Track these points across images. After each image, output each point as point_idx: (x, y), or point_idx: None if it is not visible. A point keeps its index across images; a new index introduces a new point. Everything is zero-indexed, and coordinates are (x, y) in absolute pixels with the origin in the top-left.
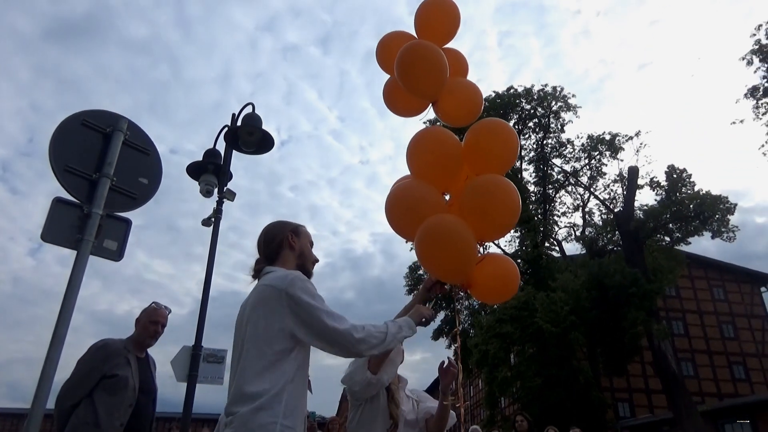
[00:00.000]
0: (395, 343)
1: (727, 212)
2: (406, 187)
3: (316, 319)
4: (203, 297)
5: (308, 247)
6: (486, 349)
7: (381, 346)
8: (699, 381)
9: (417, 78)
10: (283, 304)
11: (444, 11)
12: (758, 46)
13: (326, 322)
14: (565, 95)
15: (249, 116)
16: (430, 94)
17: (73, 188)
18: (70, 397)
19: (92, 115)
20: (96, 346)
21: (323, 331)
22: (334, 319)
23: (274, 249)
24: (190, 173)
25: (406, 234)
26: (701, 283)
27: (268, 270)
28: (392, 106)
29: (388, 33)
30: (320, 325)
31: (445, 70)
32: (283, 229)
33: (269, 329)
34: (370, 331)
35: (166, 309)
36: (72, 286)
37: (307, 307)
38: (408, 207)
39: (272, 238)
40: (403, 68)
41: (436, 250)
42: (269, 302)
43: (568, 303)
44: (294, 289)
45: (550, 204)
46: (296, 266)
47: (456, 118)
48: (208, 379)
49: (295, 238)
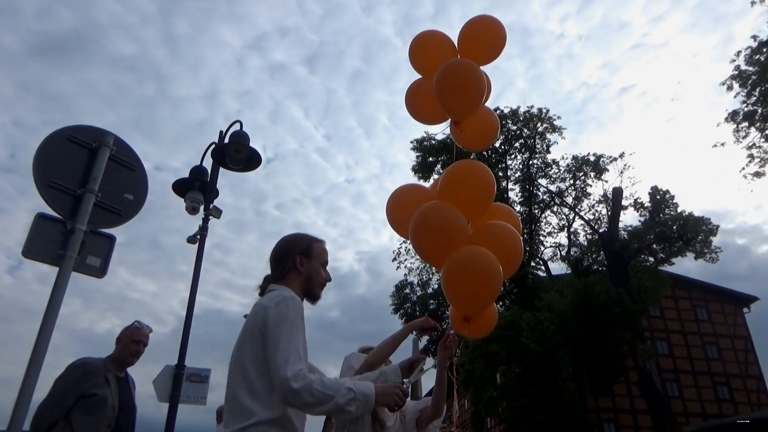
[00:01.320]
0: (336, 411)
1: (710, 233)
2: (438, 209)
3: (272, 349)
4: (187, 315)
5: (317, 270)
6: (472, 368)
7: (316, 408)
8: (683, 401)
9: (458, 97)
10: (260, 327)
11: (492, 32)
12: (738, 72)
13: (278, 355)
14: (550, 117)
15: (236, 133)
16: (461, 114)
17: (57, 204)
18: (46, 417)
19: (78, 131)
20: (74, 365)
21: (271, 363)
22: (288, 356)
23: (282, 270)
24: (176, 190)
25: (430, 255)
26: (685, 304)
27: (271, 288)
28: (413, 108)
29: (423, 32)
30: (272, 357)
31: (483, 97)
32: (292, 249)
33: (256, 353)
34: (312, 388)
35: (148, 328)
36: (53, 303)
37: (274, 335)
38: (439, 230)
39: (282, 257)
40: (448, 83)
41: (470, 282)
42: (256, 322)
43: (554, 323)
44: (273, 313)
45: (536, 224)
46: (302, 290)
47: (471, 143)
48: (191, 399)
49: (304, 260)
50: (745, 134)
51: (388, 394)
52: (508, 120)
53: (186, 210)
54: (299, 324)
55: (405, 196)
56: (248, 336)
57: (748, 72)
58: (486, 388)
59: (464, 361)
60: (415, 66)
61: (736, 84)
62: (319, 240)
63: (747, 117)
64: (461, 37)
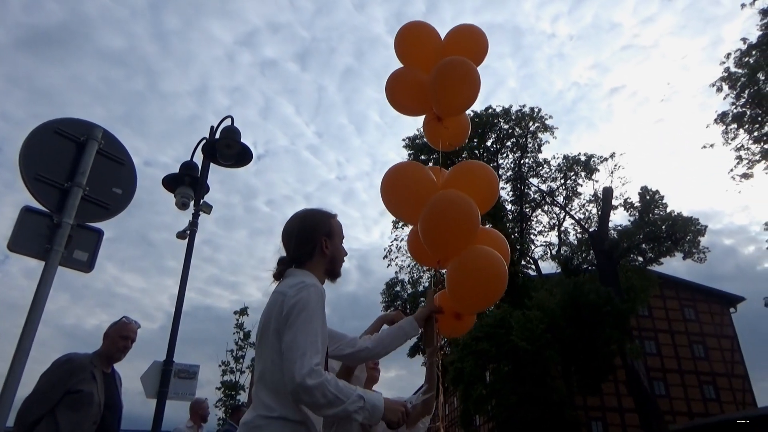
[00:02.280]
0: (343, 416)
1: (698, 234)
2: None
3: (289, 340)
4: (176, 311)
5: (339, 249)
6: (461, 366)
7: (325, 409)
8: (670, 400)
9: (455, 94)
10: (278, 317)
11: (475, 41)
12: (727, 74)
13: (293, 348)
14: (542, 116)
15: (228, 129)
16: (451, 112)
17: (44, 197)
18: (31, 413)
19: (66, 124)
20: (60, 360)
21: (285, 356)
22: (306, 350)
23: (306, 253)
24: (166, 185)
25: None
26: (673, 303)
27: (289, 273)
28: (393, 97)
29: (411, 22)
30: (288, 349)
31: (475, 97)
32: (317, 231)
33: (275, 345)
34: (326, 389)
35: (136, 324)
36: (39, 298)
37: (291, 326)
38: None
39: (306, 240)
40: (447, 80)
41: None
42: (274, 311)
43: (544, 321)
44: (292, 303)
45: (526, 223)
46: (325, 271)
47: (448, 141)
48: (179, 396)
49: (328, 242)
50: (734, 136)
51: (394, 411)
52: (500, 119)
53: (176, 205)
54: (320, 314)
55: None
56: (267, 327)
57: (738, 74)
58: (475, 386)
59: (454, 359)
60: (400, 54)
61: (726, 86)
62: (334, 215)
63: (736, 119)
64: (445, 43)
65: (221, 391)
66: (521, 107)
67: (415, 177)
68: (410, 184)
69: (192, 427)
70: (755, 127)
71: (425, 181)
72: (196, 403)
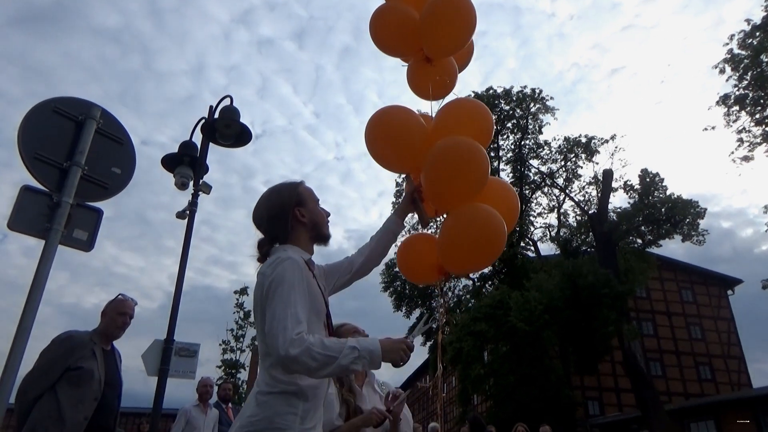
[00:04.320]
0: (342, 372)
1: (698, 216)
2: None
3: (269, 316)
4: (176, 289)
5: (317, 212)
6: (460, 346)
7: (319, 371)
8: (666, 380)
9: (447, 26)
10: (262, 298)
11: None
12: (730, 55)
13: (273, 323)
14: (543, 97)
15: (227, 109)
16: (442, 52)
17: (43, 176)
18: (32, 389)
19: (64, 102)
20: (60, 337)
21: (267, 332)
22: (286, 322)
23: (282, 229)
24: (165, 165)
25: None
26: (671, 285)
27: (272, 252)
28: (377, 32)
29: None
30: (269, 326)
31: (471, 36)
32: (286, 204)
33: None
34: (312, 351)
35: (133, 301)
36: (39, 276)
37: (270, 302)
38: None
39: (277, 216)
40: (438, 13)
41: None
42: (259, 292)
43: (542, 302)
44: (269, 280)
45: (526, 204)
46: (311, 239)
47: (439, 86)
48: (180, 373)
49: (302, 210)
50: (736, 118)
51: (394, 350)
52: (500, 99)
53: (175, 185)
54: (299, 284)
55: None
56: (257, 309)
57: (741, 56)
58: (473, 365)
59: (452, 339)
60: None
61: (729, 67)
62: (300, 182)
63: (738, 101)
64: None
65: (222, 369)
66: (522, 88)
67: (404, 121)
68: (398, 128)
69: (198, 406)
70: (757, 110)
71: (413, 125)
72: (204, 382)
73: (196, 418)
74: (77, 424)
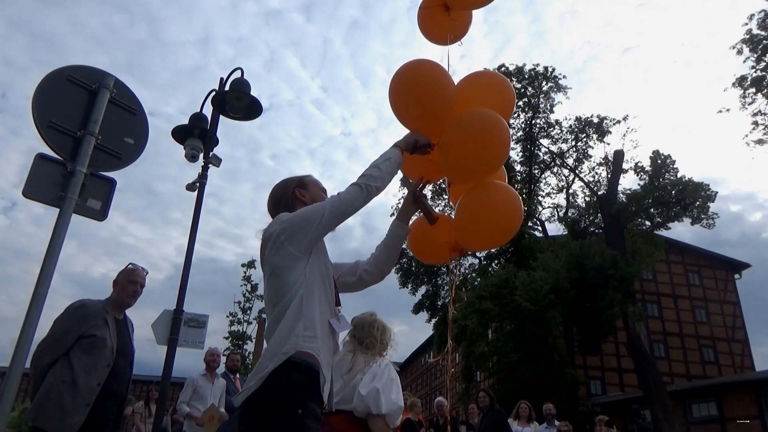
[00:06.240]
0: (391, 170)
1: (708, 199)
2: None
3: (321, 206)
4: (186, 260)
5: (319, 195)
6: (465, 324)
7: (383, 180)
8: (669, 362)
9: None
10: (277, 230)
11: None
12: (749, 36)
13: (332, 201)
14: (555, 76)
15: (237, 81)
16: (465, 5)
17: (57, 145)
18: (46, 355)
19: (77, 71)
20: (73, 306)
21: (334, 207)
22: (324, 203)
23: (284, 208)
24: (175, 137)
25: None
26: (677, 268)
27: None
28: (424, 24)
29: None
30: (331, 203)
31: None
32: (287, 186)
33: (272, 260)
34: (368, 175)
35: (144, 270)
36: (54, 245)
37: (304, 211)
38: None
39: (279, 198)
40: None
41: None
42: (262, 254)
43: (548, 282)
44: (290, 216)
45: (535, 184)
46: None
47: (458, 25)
48: (189, 343)
49: (302, 191)
50: (752, 100)
51: (410, 141)
52: (512, 77)
53: (185, 157)
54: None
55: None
56: (264, 274)
57: (760, 36)
58: (478, 343)
59: (458, 316)
60: None
61: (747, 48)
62: (308, 174)
63: (755, 83)
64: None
65: (229, 340)
66: (535, 66)
67: (437, 81)
68: (429, 87)
69: (205, 375)
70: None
71: (446, 86)
72: (211, 351)
73: (203, 387)
74: (90, 389)
